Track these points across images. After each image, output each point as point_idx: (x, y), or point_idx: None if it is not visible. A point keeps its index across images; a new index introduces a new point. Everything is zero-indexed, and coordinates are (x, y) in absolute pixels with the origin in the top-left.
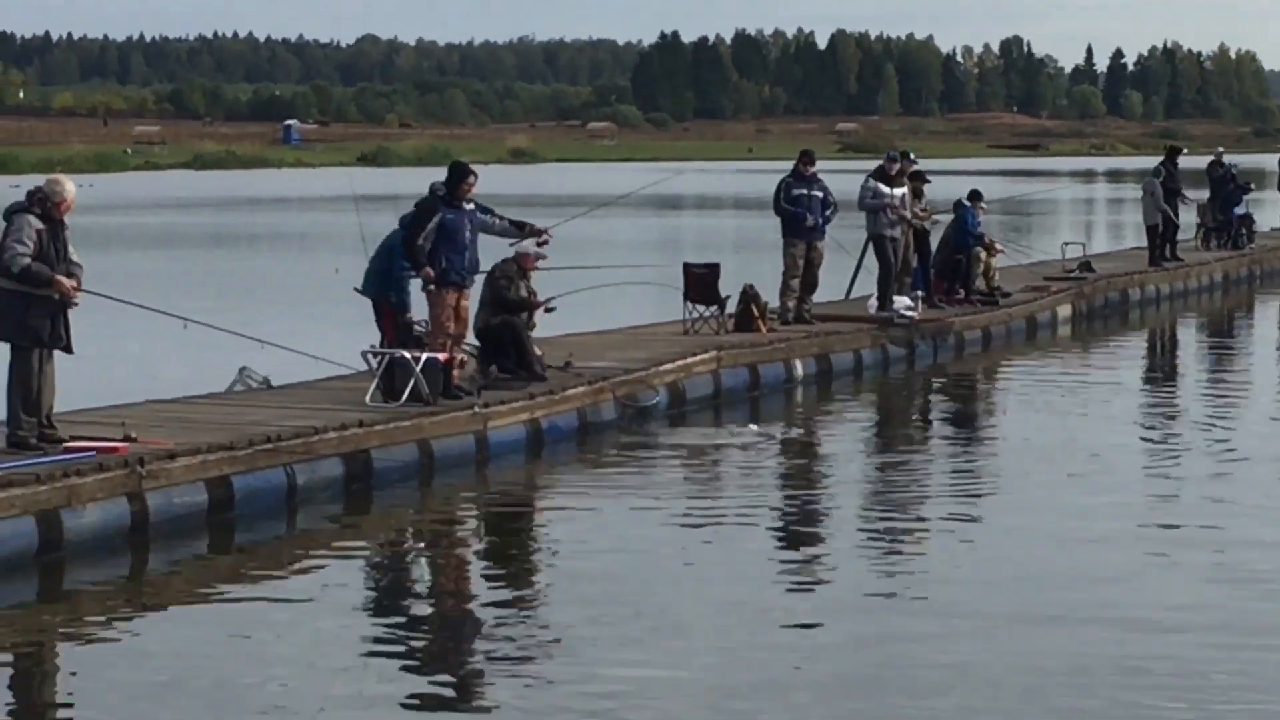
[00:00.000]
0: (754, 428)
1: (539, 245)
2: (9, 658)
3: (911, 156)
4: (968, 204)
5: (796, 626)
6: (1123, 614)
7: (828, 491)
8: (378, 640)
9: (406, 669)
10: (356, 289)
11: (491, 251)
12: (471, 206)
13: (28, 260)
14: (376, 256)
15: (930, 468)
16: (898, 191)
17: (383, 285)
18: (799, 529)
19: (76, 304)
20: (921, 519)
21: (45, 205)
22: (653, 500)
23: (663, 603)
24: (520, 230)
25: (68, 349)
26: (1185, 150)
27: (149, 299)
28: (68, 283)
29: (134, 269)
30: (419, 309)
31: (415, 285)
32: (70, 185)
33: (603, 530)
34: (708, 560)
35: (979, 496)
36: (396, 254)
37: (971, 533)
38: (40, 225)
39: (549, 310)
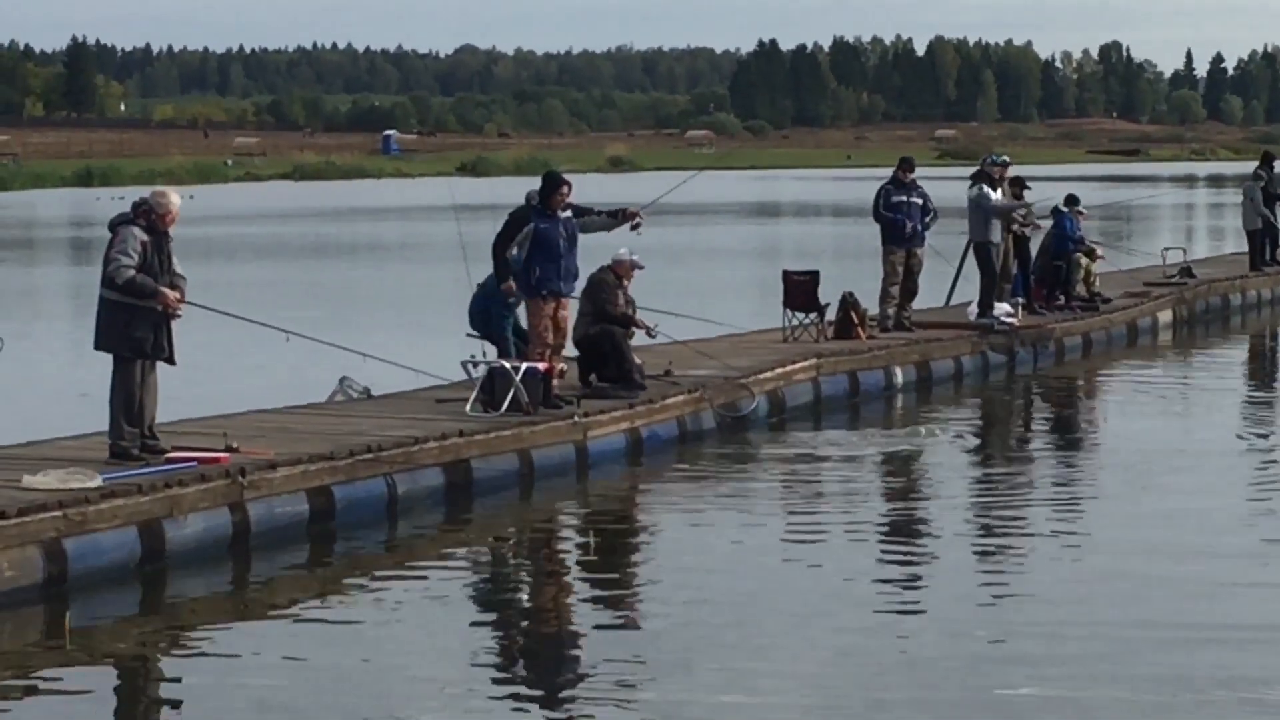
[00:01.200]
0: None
1: (633, 229)
2: (111, 668)
3: (1005, 159)
4: (1065, 210)
5: (897, 641)
6: (1231, 627)
7: (928, 502)
8: (476, 653)
9: (503, 682)
10: (469, 333)
11: (595, 255)
12: (568, 214)
13: (132, 272)
14: (475, 299)
15: (1032, 476)
16: (996, 195)
17: (485, 325)
18: (900, 542)
19: (180, 315)
20: (1024, 530)
21: (150, 217)
22: (752, 511)
23: (761, 621)
24: (615, 218)
25: (170, 360)
26: None
27: (250, 310)
28: (171, 295)
29: (235, 280)
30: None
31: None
32: (175, 197)
33: (702, 542)
34: (807, 576)
35: (1081, 507)
36: (494, 297)
37: (1075, 545)
38: (145, 237)
39: (652, 336)
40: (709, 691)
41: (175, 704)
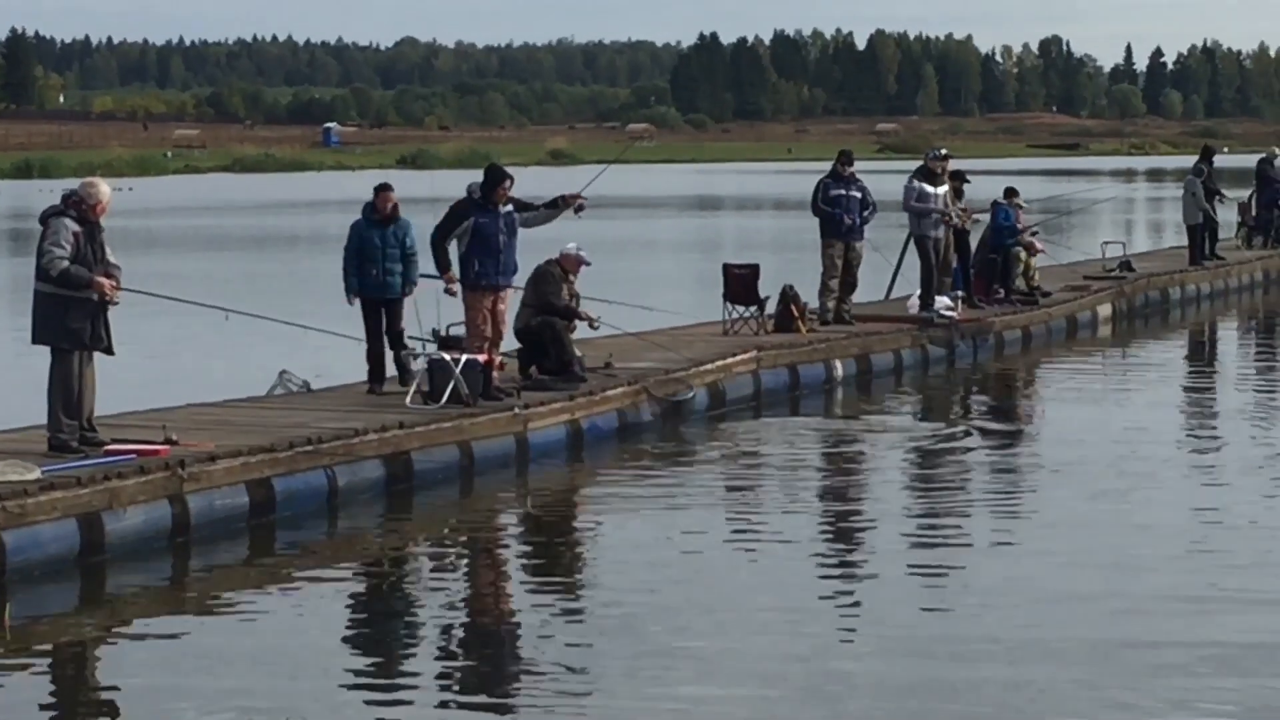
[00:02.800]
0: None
1: (577, 212)
2: (50, 660)
3: (944, 152)
4: (1003, 202)
5: (837, 634)
6: (1170, 599)
7: (869, 494)
8: (417, 646)
9: (442, 675)
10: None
11: (546, 249)
12: (509, 208)
13: (66, 263)
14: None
15: (971, 467)
16: (940, 190)
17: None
18: (839, 532)
19: (116, 303)
20: (963, 519)
21: (80, 208)
22: (692, 505)
23: (700, 617)
24: (556, 207)
25: (109, 350)
26: (1225, 150)
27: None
28: (107, 282)
29: (175, 271)
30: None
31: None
32: (105, 187)
33: (642, 536)
34: (747, 570)
35: (1020, 496)
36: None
37: (1014, 533)
38: (76, 228)
39: (594, 328)
40: (648, 685)
41: (115, 697)
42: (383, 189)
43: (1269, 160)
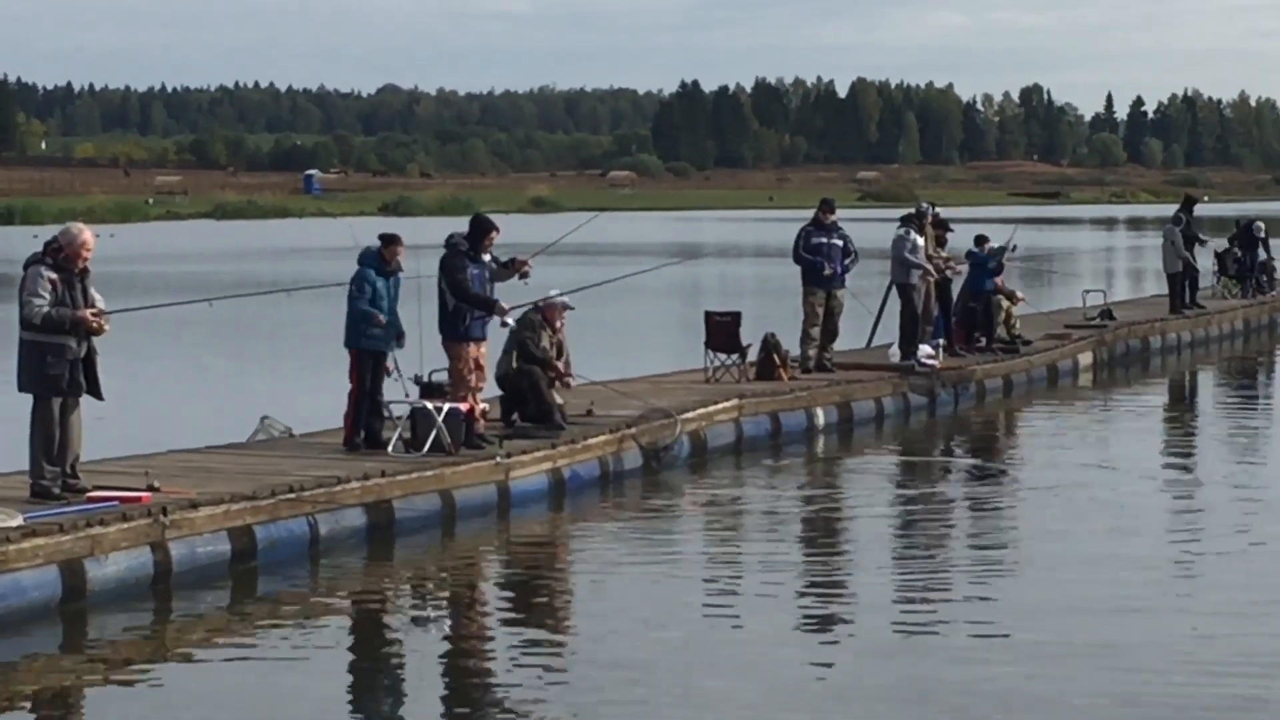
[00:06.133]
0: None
1: (521, 278)
2: (31, 705)
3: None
4: (976, 250)
5: (817, 685)
6: (1146, 646)
7: (850, 542)
8: (396, 695)
9: None
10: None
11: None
12: (488, 258)
13: (46, 308)
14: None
15: (951, 514)
16: (920, 240)
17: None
18: (821, 586)
19: (105, 330)
20: (944, 567)
21: (59, 255)
22: (674, 553)
23: (682, 667)
24: (506, 268)
25: (96, 394)
26: (1205, 198)
27: (173, 346)
28: (87, 313)
29: (155, 315)
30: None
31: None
32: (86, 233)
33: (624, 585)
34: (729, 619)
35: (1001, 544)
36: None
37: (995, 580)
38: (54, 275)
39: (567, 386)
40: None
41: None
42: (392, 240)
43: (1255, 229)
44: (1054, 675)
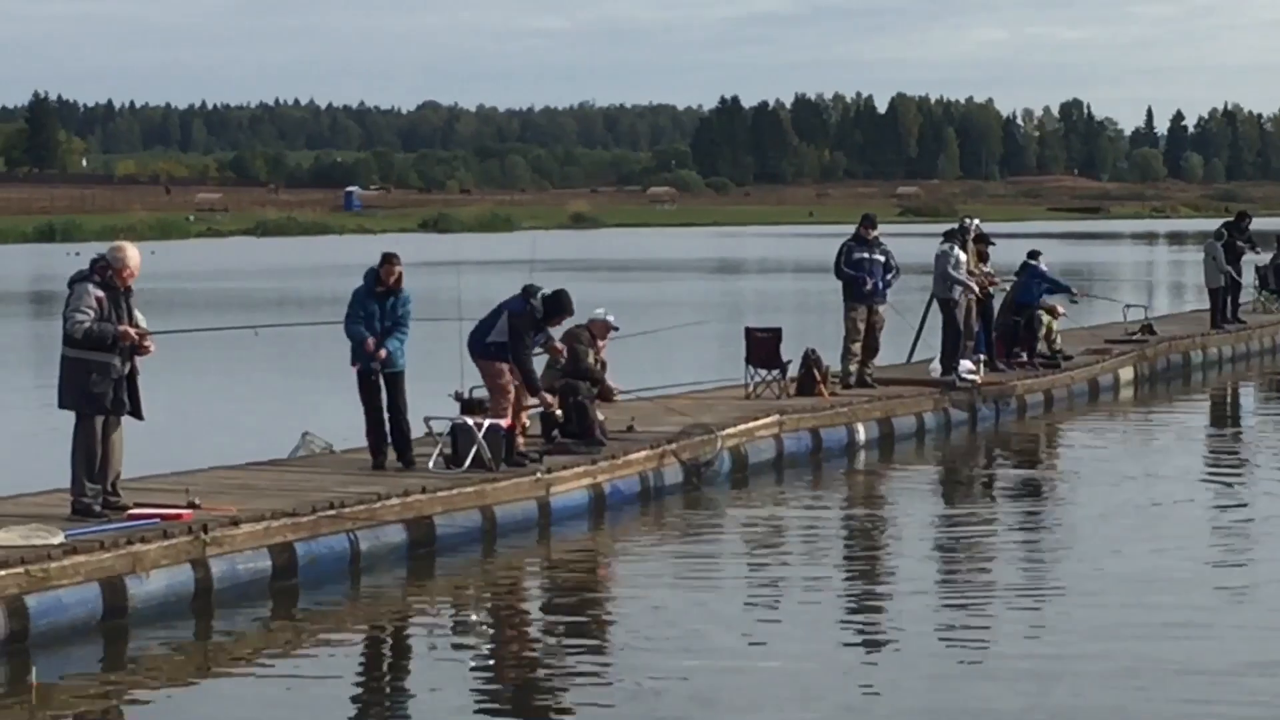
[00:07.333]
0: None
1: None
2: None
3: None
4: (1033, 262)
5: (862, 699)
6: (1194, 666)
7: (891, 558)
8: (438, 713)
9: None
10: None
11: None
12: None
13: (89, 324)
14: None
15: (994, 531)
16: (963, 256)
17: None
18: (864, 603)
19: (150, 349)
20: (987, 585)
21: (105, 273)
22: (716, 569)
23: (727, 684)
24: (544, 346)
25: (137, 414)
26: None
27: (213, 364)
28: (132, 330)
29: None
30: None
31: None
32: (134, 252)
33: (665, 602)
34: (772, 636)
35: (1044, 561)
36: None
37: (1039, 597)
38: (100, 293)
39: (611, 400)
40: None
41: None
42: (389, 259)
43: None
44: (1105, 697)
